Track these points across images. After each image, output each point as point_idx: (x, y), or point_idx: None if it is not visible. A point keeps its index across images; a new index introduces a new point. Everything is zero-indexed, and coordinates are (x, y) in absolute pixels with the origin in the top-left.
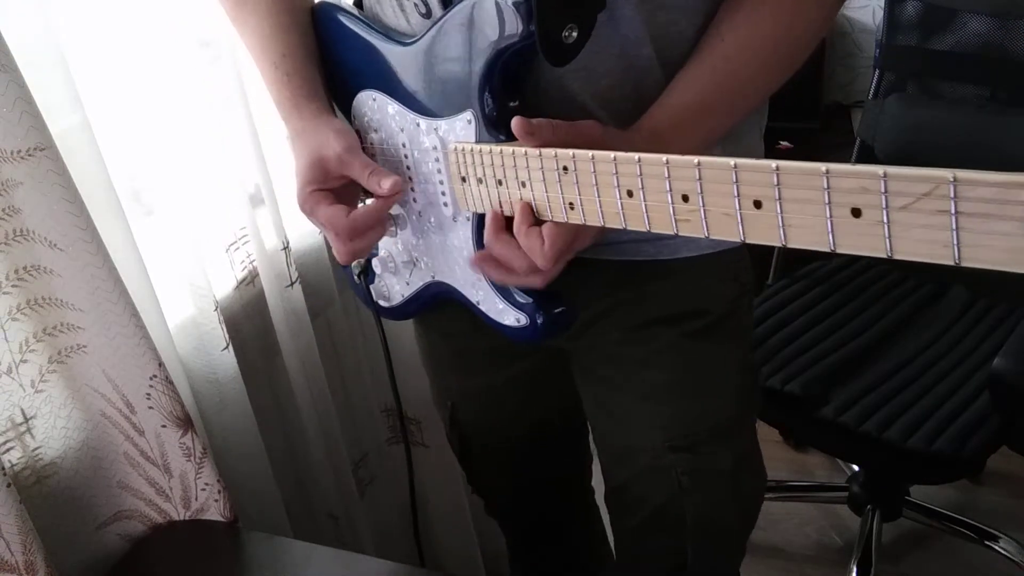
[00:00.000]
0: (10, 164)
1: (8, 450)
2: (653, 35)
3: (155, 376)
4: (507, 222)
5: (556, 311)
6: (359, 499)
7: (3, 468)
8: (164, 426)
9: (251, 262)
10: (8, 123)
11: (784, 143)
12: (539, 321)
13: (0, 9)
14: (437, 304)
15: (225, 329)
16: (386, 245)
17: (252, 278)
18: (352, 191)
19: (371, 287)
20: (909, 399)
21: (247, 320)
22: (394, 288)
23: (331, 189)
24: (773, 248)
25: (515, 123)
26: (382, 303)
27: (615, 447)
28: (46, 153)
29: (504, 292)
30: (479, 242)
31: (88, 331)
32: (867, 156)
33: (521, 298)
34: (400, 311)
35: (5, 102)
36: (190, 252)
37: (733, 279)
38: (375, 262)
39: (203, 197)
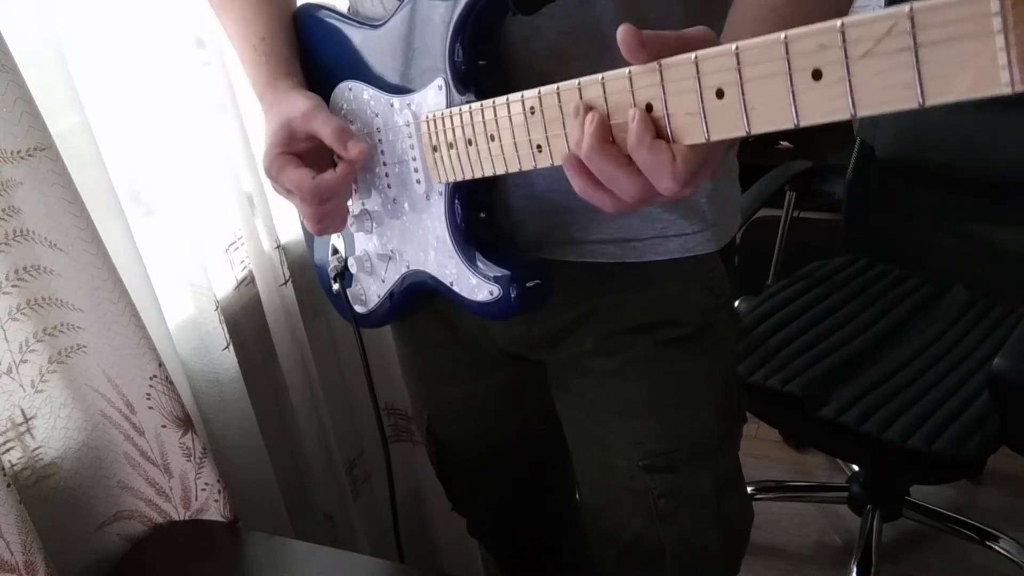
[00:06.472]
0: (10, 164)
1: (8, 450)
2: (631, 18)
3: (155, 376)
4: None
5: (529, 284)
6: (354, 498)
7: (3, 468)
8: (164, 426)
9: (251, 262)
10: (8, 123)
11: (784, 143)
12: (513, 294)
13: (0, 9)
14: (413, 304)
15: (226, 328)
16: (362, 243)
17: (252, 278)
18: (320, 158)
19: (348, 291)
20: (909, 399)
21: (247, 320)
22: (370, 289)
23: (298, 154)
24: (773, 249)
25: (623, 29)
26: (359, 308)
27: (591, 471)
28: (46, 153)
29: (475, 266)
30: (452, 217)
31: (88, 331)
32: (867, 156)
33: (494, 271)
34: (377, 314)
35: (5, 102)
36: (190, 252)
37: (707, 289)
38: (351, 260)
39: (203, 197)
